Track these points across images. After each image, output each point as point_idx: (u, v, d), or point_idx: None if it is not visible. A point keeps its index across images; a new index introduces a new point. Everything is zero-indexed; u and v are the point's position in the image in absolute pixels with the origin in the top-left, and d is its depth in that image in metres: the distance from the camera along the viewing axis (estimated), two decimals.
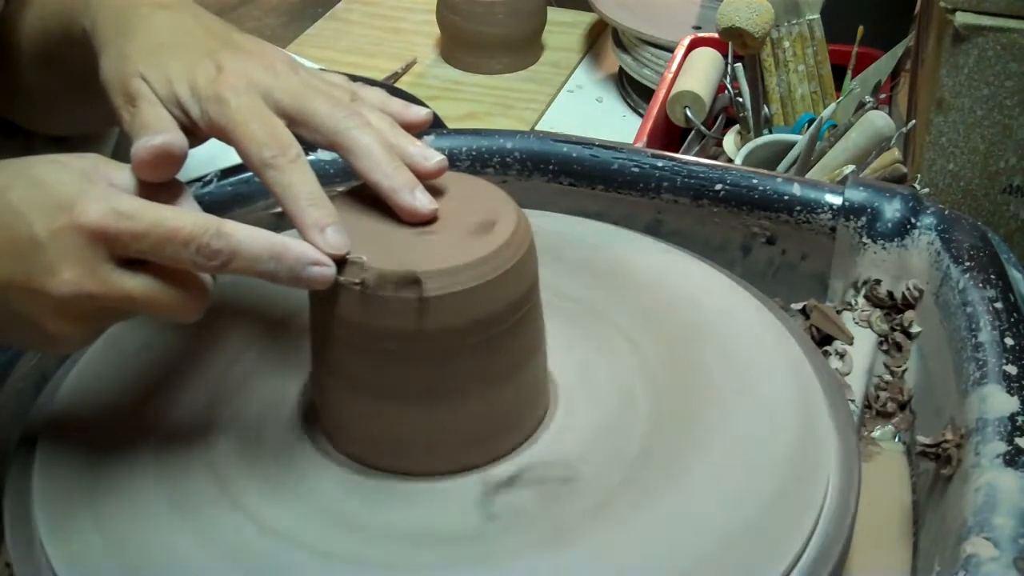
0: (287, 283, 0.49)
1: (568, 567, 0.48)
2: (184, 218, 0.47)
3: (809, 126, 1.01)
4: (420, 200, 0.51)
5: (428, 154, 0.53)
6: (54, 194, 0.47)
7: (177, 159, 0.50)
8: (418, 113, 0.57)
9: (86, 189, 0.47)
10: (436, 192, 0.53)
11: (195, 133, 0.53)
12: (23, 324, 0.48)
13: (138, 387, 0.58)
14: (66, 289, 0.46)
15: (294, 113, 0.53)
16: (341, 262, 0.49)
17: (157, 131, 0.50)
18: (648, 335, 0.61)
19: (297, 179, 0.50)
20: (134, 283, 0.48)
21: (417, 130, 0.56)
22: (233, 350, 0.61)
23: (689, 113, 1.15)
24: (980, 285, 0.61)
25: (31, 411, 0.58)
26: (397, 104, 0.57)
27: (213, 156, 0.71)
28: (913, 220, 0.68)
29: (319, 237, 0.49)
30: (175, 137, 0.50)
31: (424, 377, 0.51)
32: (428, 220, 0.52)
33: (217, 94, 0.52)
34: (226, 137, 0.52)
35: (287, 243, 0.48)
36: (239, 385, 0.58)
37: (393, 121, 0.55)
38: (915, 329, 0.66)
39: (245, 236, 0.48)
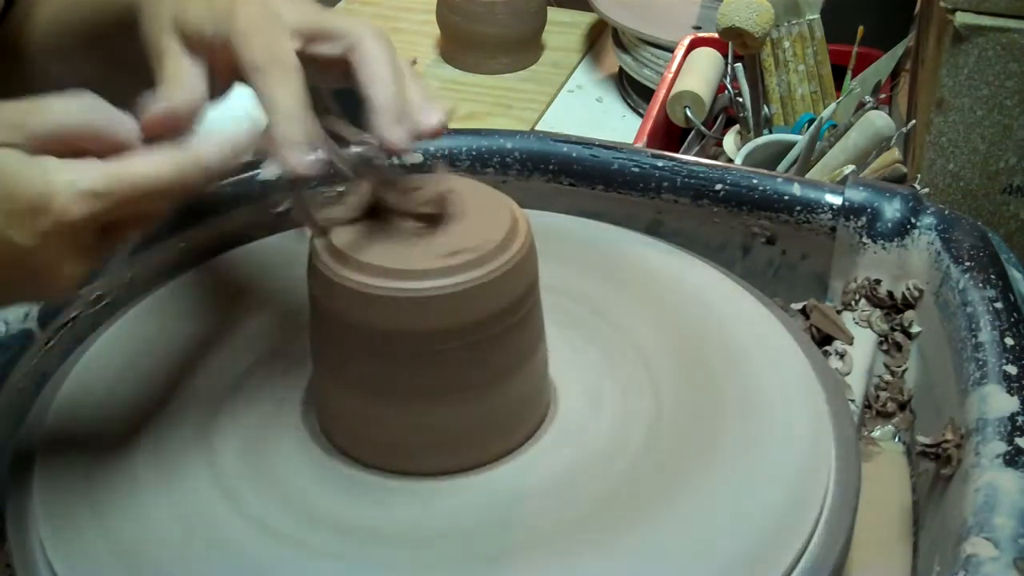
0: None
1: (567, 568, 0.48)
2: (160, 169, 0.47)
3: (809, 126, 1.00)
4: (398, 133, 0.51)
5: (429, 108, 0.52)
6: (23, 198, 0.45)
7: (184, 118, 0.50)
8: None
9: (52, 181, 0.45)
10: (436, 193, 0.53)
11: (216, 66, 0.52)
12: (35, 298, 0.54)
13: (139, 387, 0.58)
14: (73, 280, 0.47)
15: (311, 29, 0.52)
16: (325, 230, 0.50)
17: (169, 89, 0.50)
18: (650, 336, 0.61)
19: (282, 92, 0.50)
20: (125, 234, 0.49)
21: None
22: (234, 350, 0.61)
23: (689, 113, 1.15)
24: (980, 285, 0.61)
25: (31, 410, 0.58)
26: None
27: None
28: (913, 220, 0.67)
29: (288, 153, 0.49)
30: (183, 95, 0.50)
31: (422, 377, 0.51)
32: (397, 153, 0.51)
33: (229, 10, 0.52)
34: (232, 51, 0.51)
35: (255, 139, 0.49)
36: (240, 385, 0.58)
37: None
38: (915, 329, 0.66)
39: (216, 159, 0.48)
